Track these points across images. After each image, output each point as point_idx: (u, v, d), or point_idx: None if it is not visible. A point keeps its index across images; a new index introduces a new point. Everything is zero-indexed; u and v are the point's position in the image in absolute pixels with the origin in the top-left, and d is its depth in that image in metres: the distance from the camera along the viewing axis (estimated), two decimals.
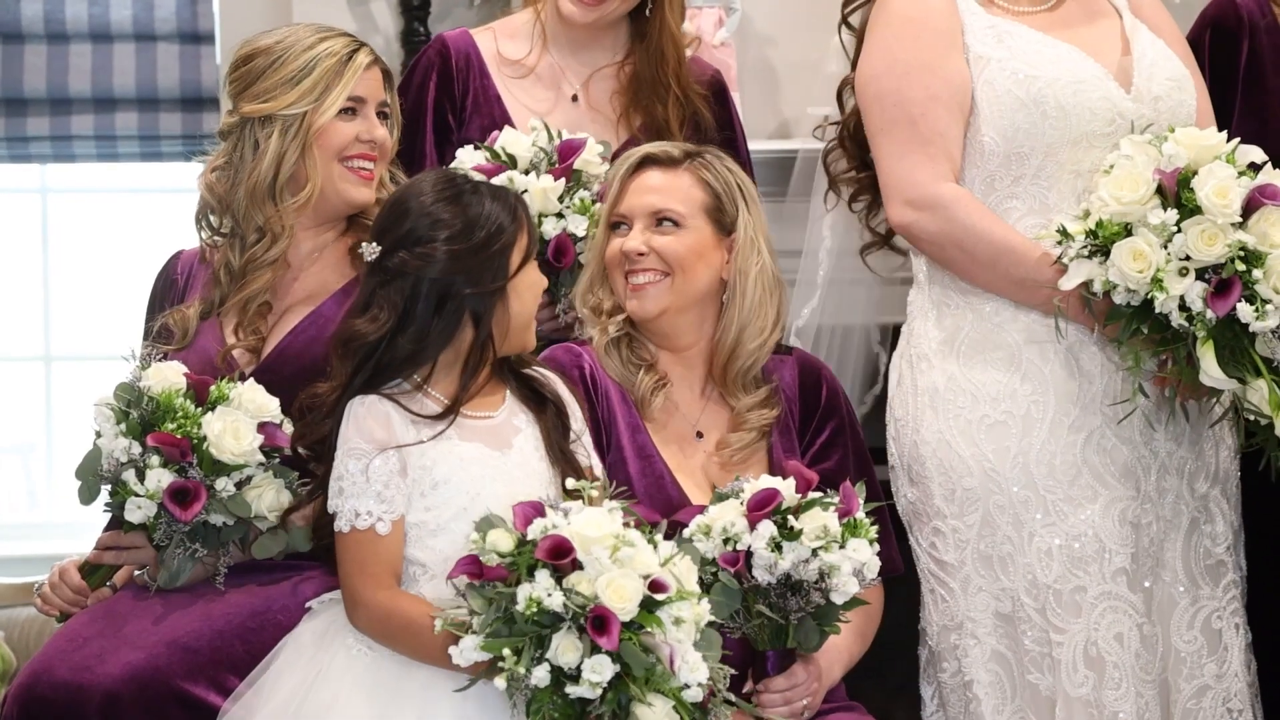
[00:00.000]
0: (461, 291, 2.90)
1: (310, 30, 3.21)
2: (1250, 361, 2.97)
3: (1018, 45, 3.18)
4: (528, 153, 3.35)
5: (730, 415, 3.23)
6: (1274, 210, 2.96)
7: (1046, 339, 3.14)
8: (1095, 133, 3.14)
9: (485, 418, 2.96)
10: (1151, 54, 3.23)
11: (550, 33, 3.57)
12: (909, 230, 3.18)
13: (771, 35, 4.46)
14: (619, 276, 3.21)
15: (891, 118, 3.17)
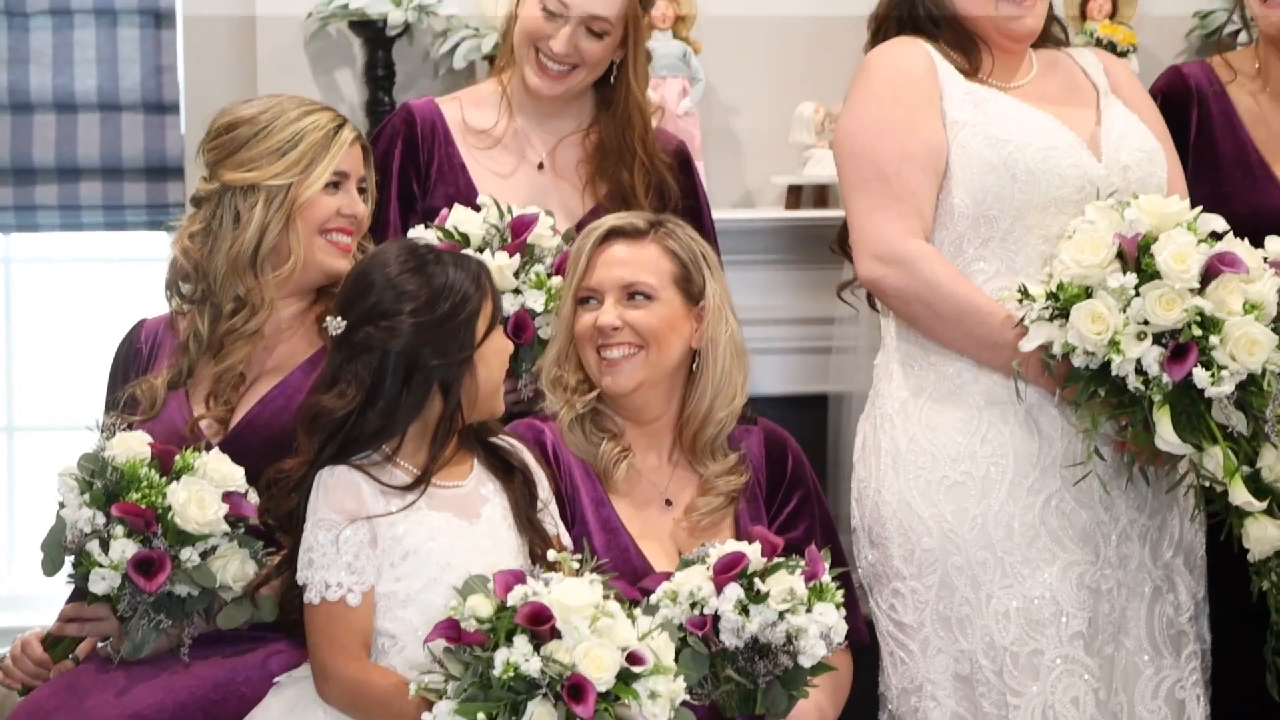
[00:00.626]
0: (429, 363, 2.90)
1: (294, 103, 3.22)
2: (1206, 428, 2.99)
3: (992, 111, 3.22)
4: (480, 230, 3.37)
5: (699, 481, 3.23)
6: (1232, 278, 2.99)
7: (1006, 400, 3.16)
8: (1064, 199, 3.17)
9: (454, 487, 2.96)
10: (1122, 125, 3.28)
11: (516, 102, 3.59)
12: (876, 285, 3.21)
13: (735, 105, 4.49)
14: (591, 352, 3.21)
15: (865, 175, 3.21)
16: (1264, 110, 3.59)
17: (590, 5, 3.47)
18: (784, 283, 4.36)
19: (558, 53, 3.49)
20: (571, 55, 3.49)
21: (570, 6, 3.47)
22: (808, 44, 4.45)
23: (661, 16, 4.30)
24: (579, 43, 3.48)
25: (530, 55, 3.52)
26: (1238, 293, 2.99)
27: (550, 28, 3.48)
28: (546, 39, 3.49)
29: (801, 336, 4.38)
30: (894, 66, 3.25)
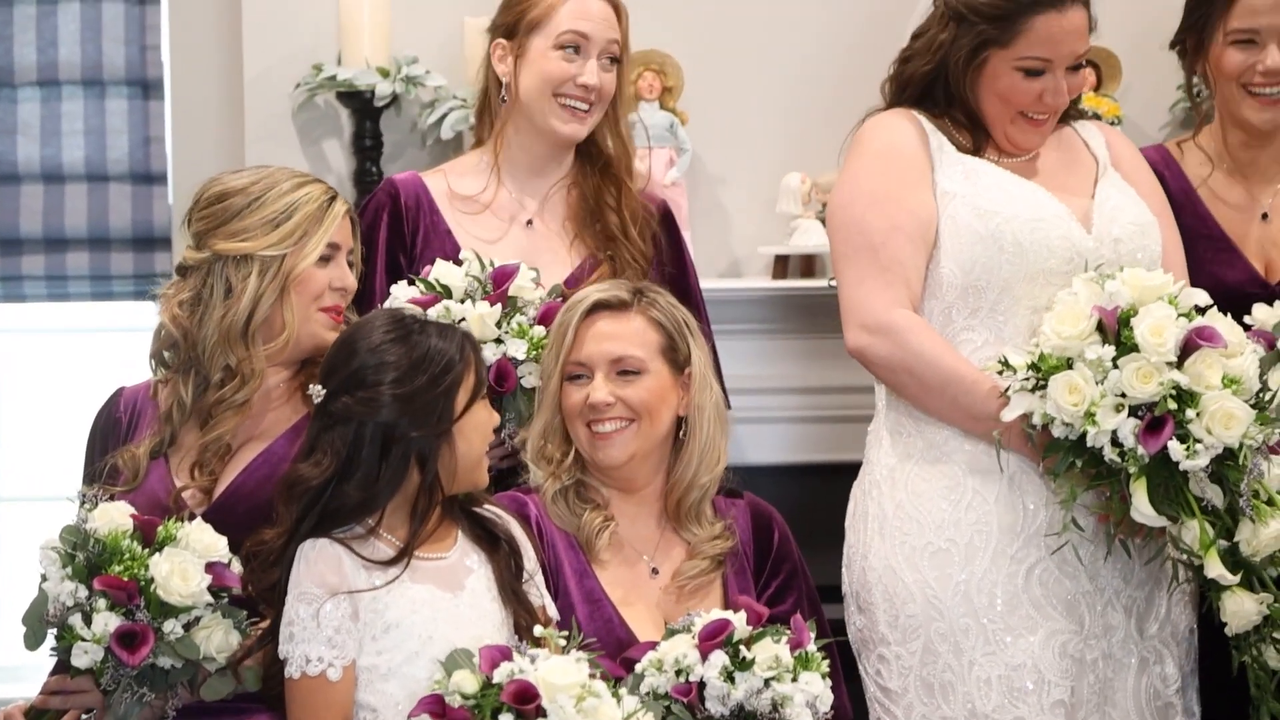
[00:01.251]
0: (407, 434, 2.89)
1: (285, 174, 3.22)
2: (1183, 501, 2.99)
3: (982, 182, 3.23)
4: (462, 283, 3.37)
5: (685, 549, 3.23)
6: (1210, 353, 2.99)
7: (991, 469, 3.16)
8: (1053, 270, 3.18)
9: (438, 559, 2.94)
10: (1117, 198, 3.28)
11: (507, 165, 3.61)
12: (863, 354, 3.21)
13: (722, 175, 4.50)
14: (581, 427, 3.21)
15: (855, 245, 3.22)
16: (1223, 188, 3.62)
17: (607, 31, 3.56)
18: (771, 352, 4.37)
19: (589, 85, 3.53)
20: (598, 87, 3.55)
21: (591, 37, 3.54)
22: (794, 115, 4.47)
23: (649, 87, 4.32)
24: (601, 76, 3.56)
25: (551, 105, 3.55)
26: (1216, 367, 3.00)
27: (575, 67, 3.54)
28: (573, 78, 3.54)
29: (789, 406, 4.38)
30: (886, 139, 3.27)
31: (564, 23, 3.54)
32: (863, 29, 4.42)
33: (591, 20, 3.55)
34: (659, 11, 4.32)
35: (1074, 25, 3.24)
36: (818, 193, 4.39)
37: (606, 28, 3.56)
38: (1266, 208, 3.61)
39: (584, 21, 3.55)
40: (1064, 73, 3.25)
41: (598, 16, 3.56)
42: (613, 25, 3.57)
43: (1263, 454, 3.01)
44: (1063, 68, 3.25)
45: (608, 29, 3.56)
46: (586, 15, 3.55)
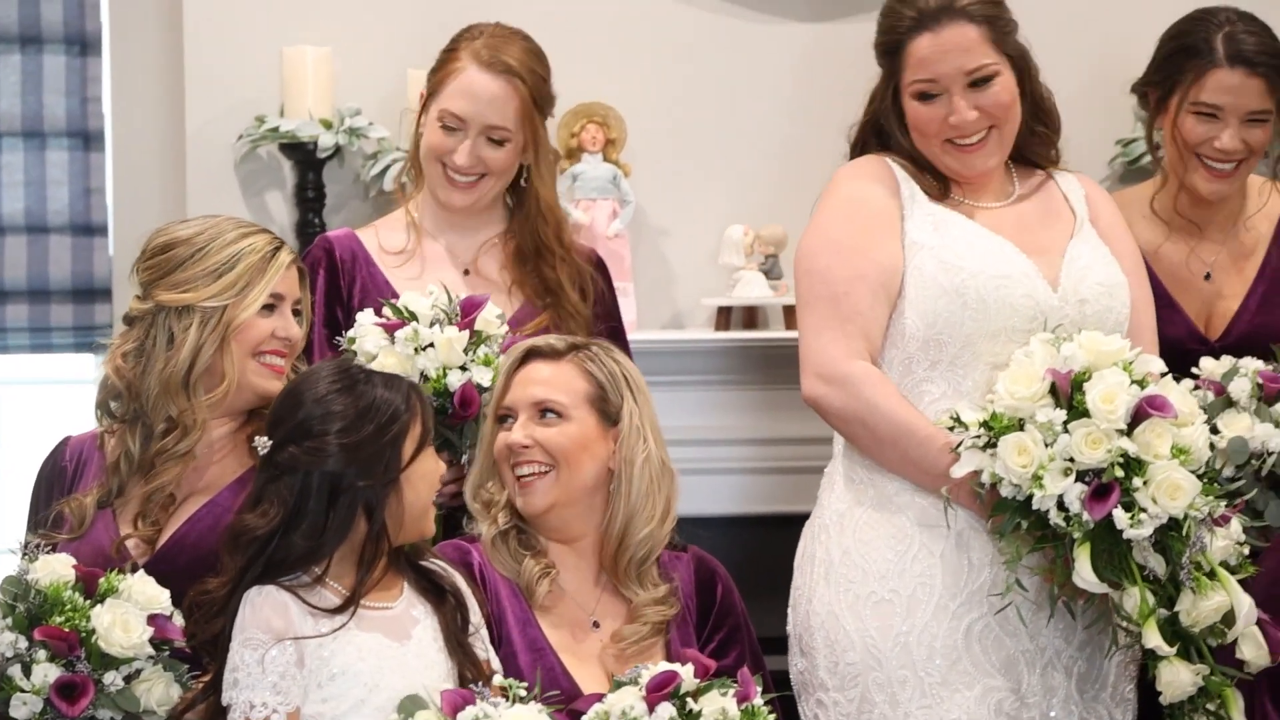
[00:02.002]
0: (354, 484, 2.88)
1: (231, 224, 3.22)
2: (1126, 568, 3.00)
3: (951, 234, 3.23)
4: (429, 312, 3.37)
5: (627, 607, 3.22)
6: (1160, 422, 3.00)
7: (938, 523, 3.16)
8: (1015, 328, 3.17)
9: (384, 608, 2.93)
10: (1088, 257, 3.27)
11: (431, 220, 3.63)
12: (818, 403, 3.21)
13: (665, 227, 4.51)
14: (507, 470, 3.20)
15: (817, 293, 3.21)
16: (1170, 245, 3.65)
17: (487, 115, 3.52)
18: (714, 403, 4.37)
19: (461, 165, 3.53)
20: (476, 166, 3.54)
21: (467, 120, 3.52)
22: (737, 167, 4.49)
23: (592, 139, 4.34)
24: (481, 153, 3.54)
25: (438, 172, 3.57)
26: (1166, 436, 3.00)
27: (452, 142, 3.53)
28: (450, 153, 3.53)
29: (734, 457, 4.38)
30: (856, 186, 3.26)
31: (447, 99, 3.54)
32: (806, 81, 4.45)
33: (473, 101, 3.52)
34: (602, 64, 4.34)
35: (952, 42, 3.22)
36: (760, 245, 4.41)
37: (490, 111, 3.52)
38: (1209, 266, 3.64)
39: (462, 102, 3.52)
40: (965, 91, 3.22)
41: (483, 97, 3.52)
42: (498, 107, 3.52)
43: (1206, 526, 3.01)
44: (958, 86, 3.22)
45: (490, 113, 3.52)
46: (469, 95, 3.52)
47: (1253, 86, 3.54)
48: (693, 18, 4.49)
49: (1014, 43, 3.27)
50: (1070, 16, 4.43)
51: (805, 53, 4.47)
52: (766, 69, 4.50)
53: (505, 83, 3.53)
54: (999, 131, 3.26)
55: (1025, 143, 3.33)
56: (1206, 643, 3.04)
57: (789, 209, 4.33)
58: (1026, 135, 3.32)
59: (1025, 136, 3.32)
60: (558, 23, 3.73)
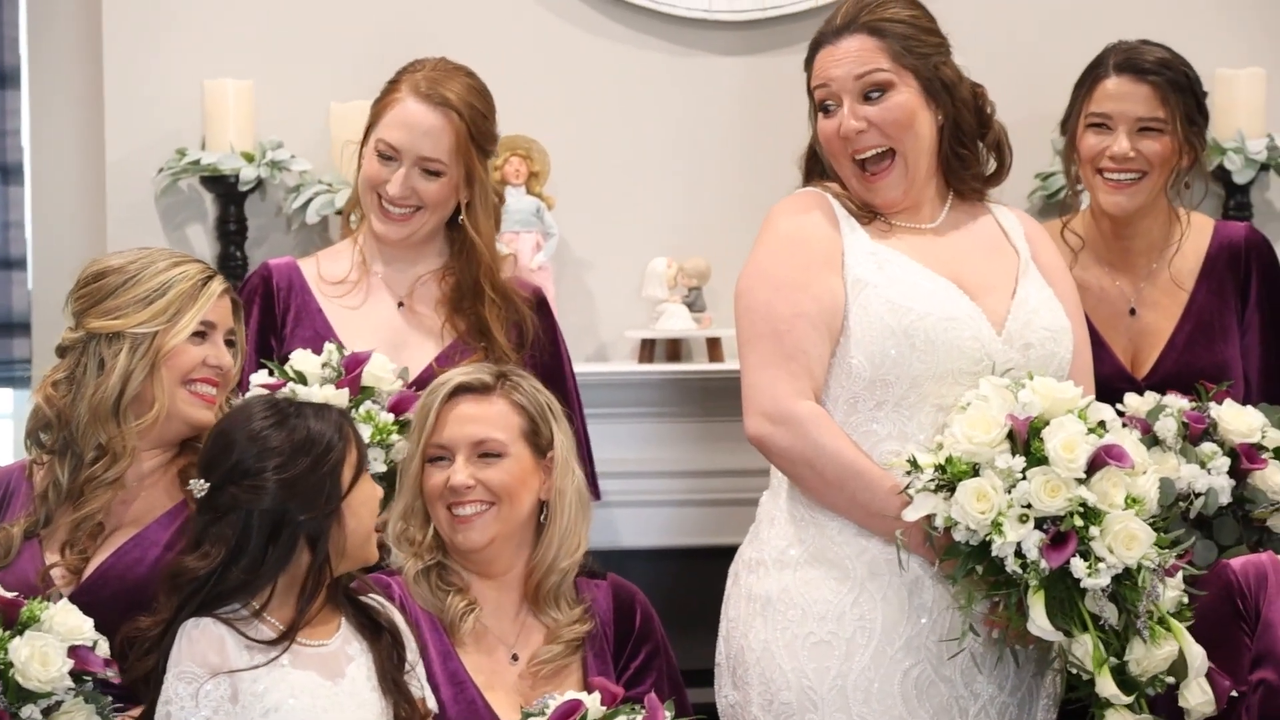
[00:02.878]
0: (295, 518, 2.87)
1: (164, 254, 3.23)
2: (1078, 616, 3.00)
3: (896, 274, 3.21)
4: (318, 371, 3.38)
5: (545, 632, 3.21)
6: (1116, 471, 3.01)
7: (881, 567, 3.15)
8: (961, 370, 3.16)
9: (319, 646, 2.92)
10: (1034, 301, 3.26)
11: (371, 251, 3.63)
12: (763, 443, 3.19)
13: (589, 259, 4.52)
14: (442, 509, 3.19)
15: (759, 331, 3.19)
16: (1095, 280, 3.68)
17: (420, 146, 3.53)
18: (638, 436, 4.37)
19: (394, 195, 3.54)
20: (409, 197, 3.54)
21: (401, 150, 3.52)
22: (660, 199, 4.50)
23: (515, 172, 4.34)
24: (415, 184, 3.53)
25: (373, 202, 3.58)
26: (1121, 486, 3.01)
27: (386, 171, 3.54)
28: (384, 183, 3.54)
29: (656, 490, 4.38)
30: (794, 222, 3.25)
31: (383, 129, 3.55)
32: (730, 115, 4.47)
33: (408, 131, 3.53)
34: (525, 96, 4.34)
35: (845, 50, 3.24)
36: (683, 277, 4.42)
37: (423, 142, 3.53)
38: (1134, 302, 3.66)
39: (398, 132, 3.53)
40: (856, 101, 3.23)
41: (418, 129, 3.53)
42: (432, 139, 3.53)
43: (1159, 575, 3.02)
44: (850, 97, 3.23)
45: (423, 143, 3.53)
46: (405, 125, 3.53)
47: (1140, 93, 3.57)
48: (616, 51, 4.51)
49: (928, 65, 3.26)
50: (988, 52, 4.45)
51: (729, 87, 4.49)
52: (690, 103, 4.51)
53: (441, 115, 3.54)
54: (901, 157, 3.26)
55: (949, 168, 3.32)
56: (1145, 692, 3.04)
57: (712, 242, 4.36)
58: (951, 160, 3.31)
59: (950, 162, 3.31)
60: (481, 55, 3.72)
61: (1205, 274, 3.66)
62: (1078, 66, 3.84)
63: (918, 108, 3.24)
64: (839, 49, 3.25)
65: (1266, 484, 3.38)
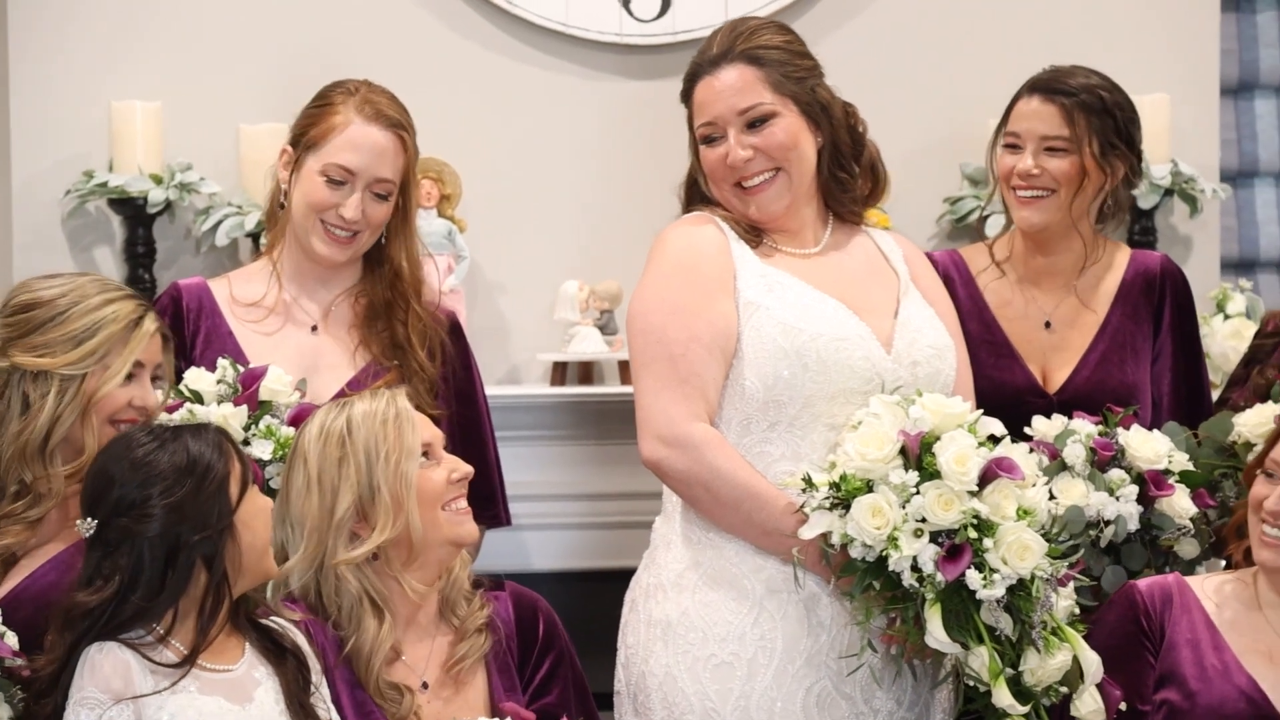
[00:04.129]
0: (189, 540, 2.84)
1: (96, 287, 3.13)
2: (974, 628, 3.02)
3: (788, 296, 3.23)
4: (214, 389, 3.35)
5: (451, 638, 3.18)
6: (1008, 483, 3.04)
7: (779, 586, 3.16)
8: (852, 390, 3.18)
9: (225, 670, 2.89)
10: (918, 321, 3.30)
11: (289, 273, 3.59)
12: (658, 466, 3.20)
13: (501, 282, 4.52)
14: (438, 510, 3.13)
15: (653, 354, 3.20)
16: (1013, 294, 3.71)
17: (376, 169, 3.50)
18: (549, 459, 4.38)
19: (350, 219, 3.50)
20: (359, 221, 3.51)
21: (357, 173, 3.49)
22: (572, 222, 4.52)
23: (427, 195, 4.33)
24: (366, 207, 3.51)
25: (315, 226, 3.53)
26: (1012, 498, 3.04)
27: (337, 196, 3.50)
28: (334, 208, 3.50)
29: (569, 512, 4.39)
30: (686, 246, 3.26)
31: (333, 153, 3.50)
32: (640, 138, 4.48)
33: (362, 154, 3.49)
34: (436, 119, 4.33)
35: (726, 83, 3.26)
36: (595, 300, 4.43)
37: (379, 164, 3.50)
38: (1050, 316, 3.71)
39: (352, 155, 3.49)
40: (741, 131, 3.25)
41: (372, 151, 3.50)
42: (387, 160, 3.50)
43: (1051, 585, 3.05)
44: (735, 127, 3.25)
45: (379, 165, 3.50)
46: (358, 148, 3.50)
47: (1047, 113, 3.62)
48: (527, 74, 4.52)
49: (805, 89, 3.29)
50: (900, 79, 4.52)
51: (640, 110, 4.51)
52: (601, 126, 4.53)
53: (395, 137, 3.52)
54: (786, 174, 3.28)
55: (829, 192, 3.35)
56: (1041, 702, 3.07)
57: (623, 264, 4.36)
58: (830, 183, 3.34)
59: (829, 185, 3.35)
60: (393, 78, 3.71)
61: (1121, 298, 3.71)
62: (983, 93, 3.89)
63: (800, 131, 3.28)
64: (718, 80, 3.27)
65: (1173, 510, 3.42)
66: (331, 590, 3.11)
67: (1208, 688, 3.18)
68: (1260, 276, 5.02)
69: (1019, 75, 3.69)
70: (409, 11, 4.48)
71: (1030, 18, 4.57)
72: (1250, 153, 5.05)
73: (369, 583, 3.12)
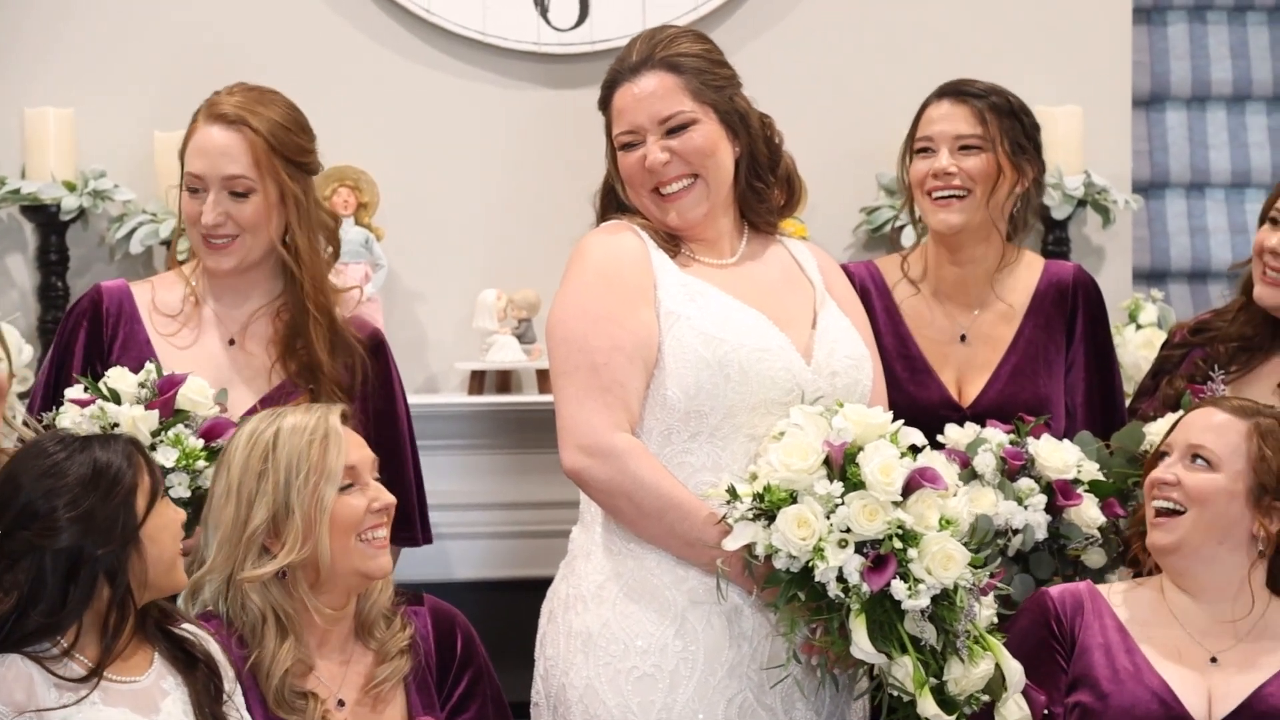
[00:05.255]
0: (93, 554, 2.80)
1: None
2: (898, 638, 3.03)
3: (709, 306, 3.22)
4: (133, 390, 3.33)
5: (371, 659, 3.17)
6: (931, 493, 3.06)
7: (702, 597, 3.16)
8: (773, 400, 3.18)
9: (132, 681, 2.86)
10: (835, 331, 3.30)
11: (203, 288, 3.56)
12: (580, 476, 3.19)
13: (419, 291, 4.51)
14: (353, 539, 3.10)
15: (575, 363, 3.19)
16: (928, 309, 3.73)
17: (220, 167, 3.45)
18: (468, 468, 4.37)
19: (209, 225, 3.46)
20: (224, 224, 3.47)
21: (204, 177, 3.47)
22: (490, 231, 4.51)
23: (344, 203, 4.32)
24: (227, 208, 3.46)
25: (197, 238, 3.51)
26: (935, 508, 3.06)
27: (198, 204, 3.47)
28: (199, 217, 3.47)
29: (489, 521, 4.38)
30: (606, 254, 3.25)
31: (187, 163, 3.49)
32: (557, 146, 4.49)
33: (206, 157, 3.46)
34: (354, 127, 4.34)
35: (646, 90, 3.26)
36: (513, 309, 4.42)
37: (225, 161, 3.45)
38: (965, 331, 3.73)
39: (198, 160, 3.47)
40: (661, 139, 3.25)
41: (214, 151, 3.46)
42: (233, 157, 3.46)
43: (974, 595, 3.07)
44: (655, 134, 3.25)
45: (225, 163, 3.45)
46: (201, 152, 3.47)
47: (959, 113, 3.65)
48: (445, 82, 4.51)
49: (724, 98, 3.29)
50: (816, 89, 4.54)
51: (555, 118, 4.51)
52: (518, 134, 4.53)
53: (233, 131, 3.46)
54: (704, 182, 3.28)
55: (745, 202, 3.36)
56: (963, 711, 3.08)
57: (542, 273, 4.36)
58: (746, 194, 3.35)
59: (745, 196, 3.35)
60: (309, 86, 3.71)
61: (1034, 309, 3.73)
62: (899, 104, 3.91)
63: (719, 139, 3.29)
64: (637, 87, 3.27)
65: (1081, 519, 3.46)
66: (237, 604, 3.09)
67: (1120, 689, 3.21)
68: (1171, 287, 5.08)
69: (934, 87, 3.72)
70: (326, 19, 4.47)
71: (945, 30, 4.61)
72: (1161, 164, 5.10)
73: (275, 600, 3.09)
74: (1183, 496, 3.21)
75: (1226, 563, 3.24)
